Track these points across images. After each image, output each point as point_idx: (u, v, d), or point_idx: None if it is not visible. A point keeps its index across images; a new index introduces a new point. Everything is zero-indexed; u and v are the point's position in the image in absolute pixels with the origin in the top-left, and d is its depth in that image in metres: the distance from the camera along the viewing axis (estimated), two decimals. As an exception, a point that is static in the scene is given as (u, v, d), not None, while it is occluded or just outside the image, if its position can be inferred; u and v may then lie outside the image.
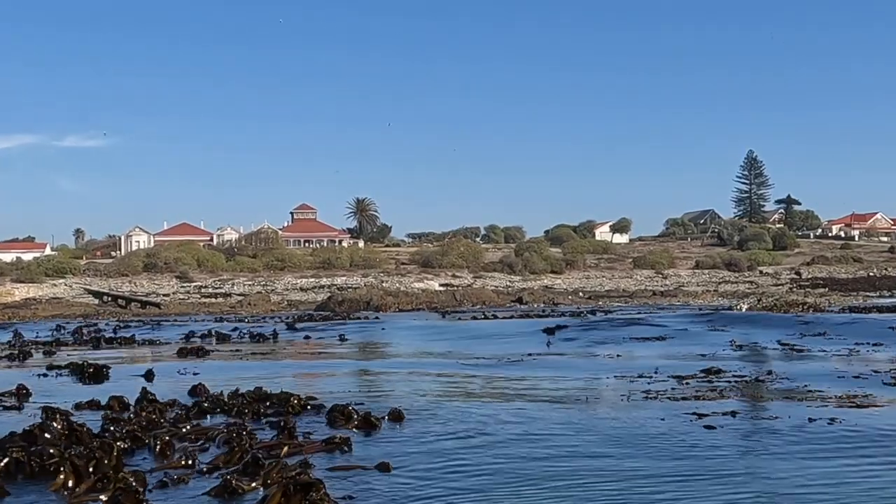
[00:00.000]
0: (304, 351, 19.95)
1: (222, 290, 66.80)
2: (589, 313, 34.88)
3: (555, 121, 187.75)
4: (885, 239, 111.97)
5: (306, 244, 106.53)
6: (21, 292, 60.97)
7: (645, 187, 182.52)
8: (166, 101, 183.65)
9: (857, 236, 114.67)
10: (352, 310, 42.79)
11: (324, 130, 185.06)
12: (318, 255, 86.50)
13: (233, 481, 5.49)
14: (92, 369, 13.62)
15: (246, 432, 6.94)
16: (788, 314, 31.77)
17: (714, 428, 8.12)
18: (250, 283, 72.53)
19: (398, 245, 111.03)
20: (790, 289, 63.45)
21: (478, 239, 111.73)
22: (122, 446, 6.20)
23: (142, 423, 7.56)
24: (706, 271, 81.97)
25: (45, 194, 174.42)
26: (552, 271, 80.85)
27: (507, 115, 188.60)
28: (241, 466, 5.99)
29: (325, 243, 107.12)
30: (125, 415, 8.92)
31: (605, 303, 47.68)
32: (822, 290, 59.06)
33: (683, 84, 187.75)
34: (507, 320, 31.53)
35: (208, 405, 9.00)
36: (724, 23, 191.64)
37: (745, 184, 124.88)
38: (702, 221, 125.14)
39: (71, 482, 5.53)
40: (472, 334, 24.80)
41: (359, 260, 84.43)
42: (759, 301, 48.55)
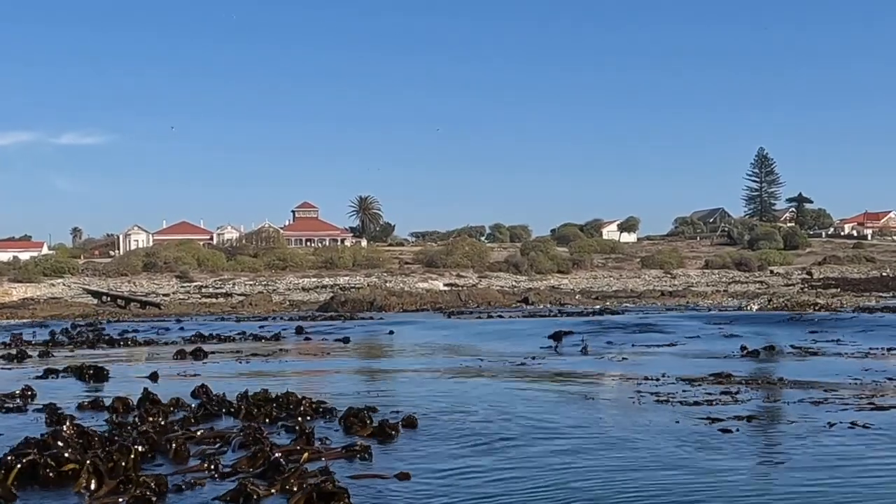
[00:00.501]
0: (308, 352, 19.99)
1: (223, 291, 66.86)
2: (596, 314, 34.88)
3: (561, 118, 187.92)
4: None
5: (308, 243, 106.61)
6: (19, 292, 61.11)
7: (653, 185, 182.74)
8: (165, 99, 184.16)
9: (870, 235, 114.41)
10: (355, 310, 42.83)
11: (325, 128, 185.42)
12: (320, 255, 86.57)
13: (248, 486, 5.50)
14: (92, 370, 13.68)
15: (263, 436, 6.95)
16: (800, 314, 31.76)
17: (731, 431, 8.13)
18: (251, 283, 72.58)
19: (401, 244, 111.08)
20: (801, 289, 63.28)
21: (483, 238, 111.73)
22: (139, 450, 6.22)
23: (156, 425, 7.59)
24: (716, 271, 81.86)
25: (42, 192, 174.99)
26: (559, 271, 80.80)
27: (511, 112, 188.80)
28: (260, 471, 5.99)
29: (328, 242, 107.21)
30: (130, 417, 8.95)
31: (612, 303, 47.66)
32: (833, 290, 58.87)
33: (693, 81, 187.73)
34: (513, 320, 31.55)
35: (215, 407, 9.01)
36: (736, 20, 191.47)
37: (755, 182, 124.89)
38: (711, 220, 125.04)
39: (93, 484, 5.56)
40: (479, 335, 24.82)
41: (362, 259, 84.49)
42: (770, 301, 48.52)
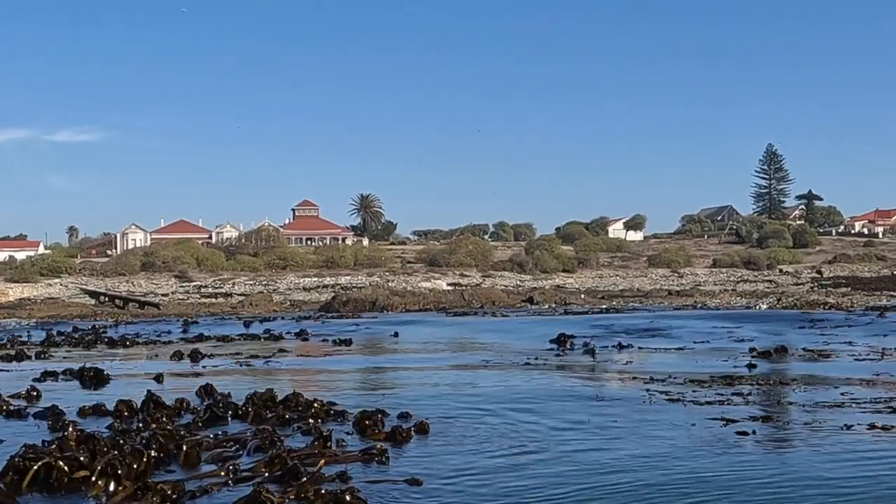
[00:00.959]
0: (310, 352, 19.99)
1: (223, 290, 66.88)
2: (603, 312, 34.89)
3: (565, 115, 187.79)
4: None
5: (308, 242, 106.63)
6: (15, 292, 61.20)
7: (660, 182, 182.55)
8: (162, 96, 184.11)
9: (881, 233, 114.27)
10: (357, 310, 42.86)
11: (325, 125, 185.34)
12: (321, 254, 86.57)
13: (263, 493, 5.51)
14: (93, 372, 13.68)
15: (280, 440, 6.95)
16: (809, 314, 31.75)
17: (746, 434, 8.13)
18: (251, 282, 72.61)
19: (404, 243, 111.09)
20: (811, 288, 63.24)
21: (486, 237, 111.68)
22: (152, 454, 6.23)
23: (164, 429, 7.60)
24: (724, 270, 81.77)
25: (37, 190, 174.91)
26: (564, 270, 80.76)
27: (514, 109, 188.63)
28: (278, 476, 5.98)
29: (328, 241, 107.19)
30: (133, 422, 8.93)
31: (619, 303, 47.65)
32: (844, 289, 58.84)
33: (700, 77, 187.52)
34: (518, 320, 31.57)
35: (222, 409, 9.01)
36: (742, 17, 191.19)
37: (764, 179, 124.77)
38: (719, 218, 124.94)
39: (111, 488, 5.57)
40: (483, 335, 24.85)
41: (363, 258, 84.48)
42: (779, 301, 48.50)
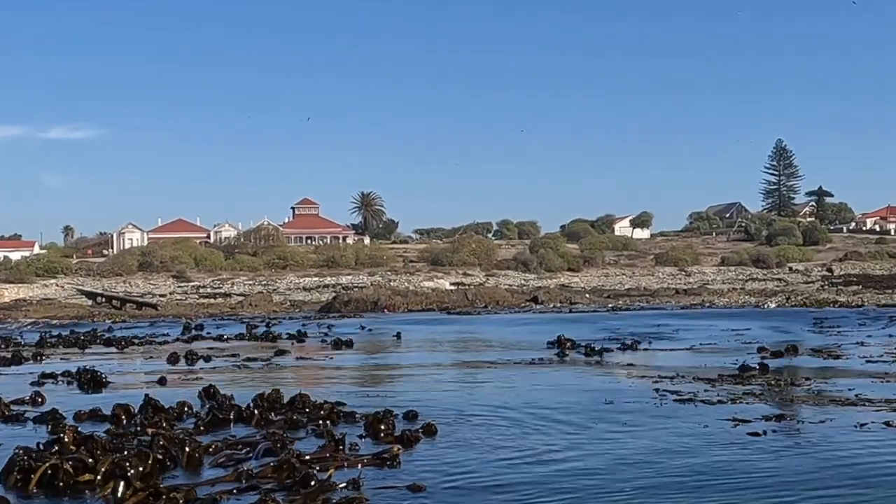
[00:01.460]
0: (312, 353, 20.00)
1: (222, 290, 66.95)
2: (611, 311, 34.89)
3: (570, 110, 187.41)
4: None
5: (308, 241, 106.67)
6: (11, 293, 61.29)
7: (667, 179, 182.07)
8: (158, 92, 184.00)
9: (893, 230, 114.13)
10: (358, 310, 42.90)
11: (325, 122, 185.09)
12: (321, 253, 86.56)
13: (269, 502, 5.52)
14: (91, 376, 13.70)
15: (290, 443, 6.96)
16: (819, 312, 31.76)
17: (759, 434, 8.12)
18: (251, 282, 72.66)
19: (405, 242, 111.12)
20: (821, 286, 63.24)
21: (490, 235, 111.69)
22: (158, 457, 6.25)
23: (166, 433, 7.62)
24: (732, 268, 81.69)
25: (31, 189, 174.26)
26: (569, 269, 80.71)
27: (518, 104, 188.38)
28: (288, 484, 5.95)
29: (329, 240, 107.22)
30: (131, 427, 8.92)
31: (625, 302, 47.66)
32: (855, 287, 58.84)
33: (707, 71, 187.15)
34: (523, 320, 31.57)
35: (226, 412, 8.99)
36: (749, 10, 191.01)
37: (773, 175, 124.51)
38: (728, 215, 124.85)
39: (120, 490, 5.59)
40: (488, 335, 24.87)
41: (364, 258, 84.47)
42: (788, 299, 48.52)
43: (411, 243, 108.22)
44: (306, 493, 5.84)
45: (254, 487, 6.15)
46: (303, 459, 6.61)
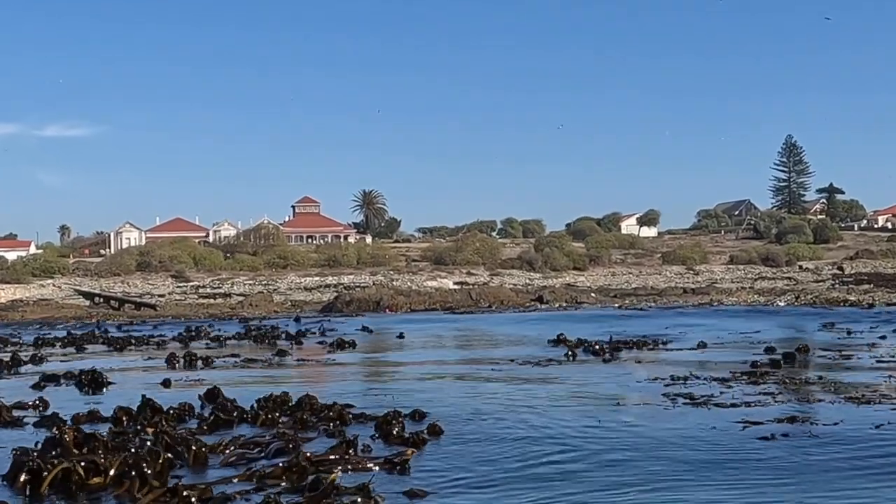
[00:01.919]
0: (315, 354, 20.00)
1: (221, 291, 67.03)
2: (619, 310, 34.91)
3: (575, 106, 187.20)
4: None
5: (309, 240, 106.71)
6: (7, 293, 61.37)
7: (675, 176, 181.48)
8: (156, 89, 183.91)
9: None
10: (361, 310, 42.99)
11: (326, 118, 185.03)
12: (322, 252, 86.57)
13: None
14: (91, 378, 13.71)
15: (300, 444, 6.97)
16: (829, 311, 31.78)
17: (770, 438, 8.11)
18: (251, 282, 72.73)
19: (408, 240, 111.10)
20: (832, 285, 63.21)
21: (494, 233, 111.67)
22: (167, 456, 6.28)
23: (168, 433, 7.64)
24: (741, 267, 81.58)
25: (26, 188, 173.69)
26: (575, 268, 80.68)
27: (522, 100, 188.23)
28: (299, 488, 5.95)
29: (330, 239, 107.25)
30: (132, 428, 8.93)
31: (632, 301, 47.63)
32: (866, 286, 58.79)
33: (715, 66, 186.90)
34: (528, 321, 31.58)
35: (228, 413, 9.02)
36: (757, 4, 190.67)
37: (783, 172, 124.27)
38: (736, 213, 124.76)
39: (135, 489, 5.61)
40: (493, 335, 24.89)
41: (366, 257, 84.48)
42: (798, 298, 48.49)
43: (414, 242, 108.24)
44: (311, 496, 5.83)
45: (261, 489, 6.16)
46: (313, 461, 6.62)
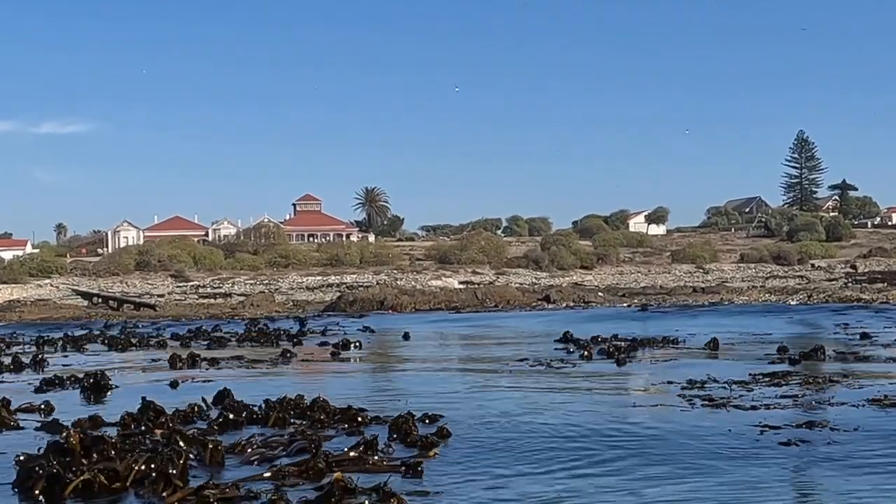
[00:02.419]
0: (319, 355, 19.98)
1: (222, 290, 67.19)
2: (630, 309, 34.90)
3: (582, 101, 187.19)
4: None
5: (311, 239, 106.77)
6: (4, 294, 61.48)
7: (684, 173, 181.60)
8: (154, 85, 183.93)
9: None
10: (364, 310, 43.05)
11: (327, 115, 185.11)
12: (325, 251, 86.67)
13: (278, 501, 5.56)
14: (94, 381, 13.71)
15: (321, 443, 7.01)
16: (842, 308, 31.77)
17: (788, 444, 8.09)
18: (252, 281, 72.85)
19: (411, 239, 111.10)
20: (845, 284, 63.18)
21: (499, 231, 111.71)
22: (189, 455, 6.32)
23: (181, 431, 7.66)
24: (752, 265, 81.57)
25: (22, 186, 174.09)
26: (582, 267, 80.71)
27: (527, 95, 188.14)
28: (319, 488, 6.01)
29: (332, 237, 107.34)
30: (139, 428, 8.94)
31: (640, 300, 47.61)
32: (880, 285, 58.75)
33: (726, 60, 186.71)
34: (535, 320, 31.59)
35: (236, 414, 9.03)
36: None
37: (795, 168, 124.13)
38: (747, 210, 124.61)
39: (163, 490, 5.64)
40: (500, 336, 24.90)
41: (369, 256, 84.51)
42: (810, 297, 48.48)
43: (417, 240, 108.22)
44: (320, 496, 5.89)
45: (278, 489, 6.22)
46: (331, 461, 6.67)
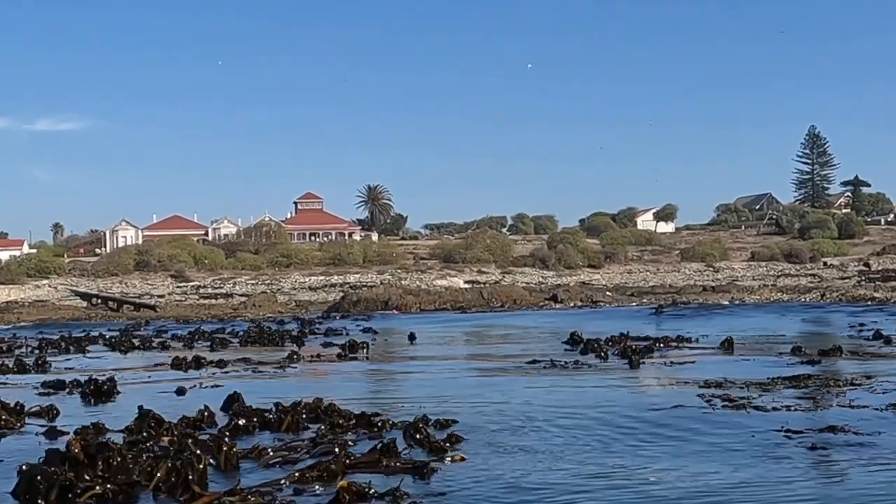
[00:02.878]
0: (323, 357, 19.94)
1: (223, 291, 67.28)
2: (639, 305, 34.86)
3: (589, 97, 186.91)
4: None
5: (312, 238, 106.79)
6: (2, 295, 61.59)
7: (693, 169, 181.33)
8: (151, 82, 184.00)
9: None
10: (368, 310, 43.06)
11: (329, 112, 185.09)
12: (327, 251, 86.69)
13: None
14: (96, 386, 13.68)
15: (345, 446, 7.03)
16: (856, 309, 31.71)
17: (813, 447, 8.05)
18: (253, 282, 72.93)
19: (415, 238, 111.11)
20: (858, 282, 63.13)
21: (504, 230, 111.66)
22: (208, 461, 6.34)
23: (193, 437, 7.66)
24: (763, 264, 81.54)
25: (17, 184, 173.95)
26: (589, 265, 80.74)
27: (534, 93, 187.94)
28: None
29: (334, 236, 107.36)
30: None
31: (650, 300, 47.55)
32: (893, 283, 58.68)
33: (736, 57, 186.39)
34: (543, 321, 31.56)
35: (247, 419, 9.03)
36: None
37: (806, 164, 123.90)
38: (758, 207, 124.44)
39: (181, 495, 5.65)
40: (508, 336, 24.87)
41: (373, 255, 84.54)
42: (823, 296, 48.42)
43: (421, 239, 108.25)
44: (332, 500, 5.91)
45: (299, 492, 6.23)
46: (349, 464, 6.70)
